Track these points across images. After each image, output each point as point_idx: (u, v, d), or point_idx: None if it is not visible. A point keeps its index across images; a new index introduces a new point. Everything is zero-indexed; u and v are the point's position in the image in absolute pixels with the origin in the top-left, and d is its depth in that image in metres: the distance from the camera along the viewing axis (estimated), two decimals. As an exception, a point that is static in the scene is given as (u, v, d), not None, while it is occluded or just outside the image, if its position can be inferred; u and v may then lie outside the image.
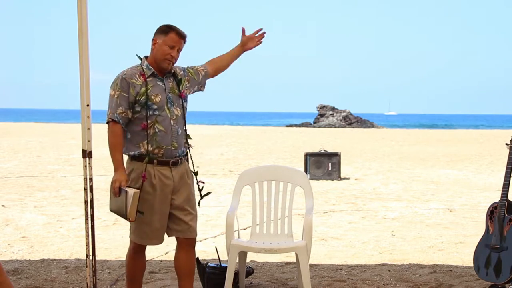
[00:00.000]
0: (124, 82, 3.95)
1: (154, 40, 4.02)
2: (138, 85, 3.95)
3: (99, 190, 10.84)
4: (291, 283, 5.17)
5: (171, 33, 3.98)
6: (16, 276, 5.33)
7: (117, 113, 3.94)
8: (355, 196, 10.87)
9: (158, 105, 3.96)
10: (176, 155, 4.05)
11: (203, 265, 4.84)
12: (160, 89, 4.00)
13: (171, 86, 4.07)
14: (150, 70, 4.01)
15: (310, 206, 4.84)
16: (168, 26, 4.02)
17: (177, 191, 4.05)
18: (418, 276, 5.39)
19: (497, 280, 4.69)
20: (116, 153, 3.98)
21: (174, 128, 4.01)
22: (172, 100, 4.03)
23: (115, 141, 3.97)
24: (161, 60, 3.99)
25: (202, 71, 4.27)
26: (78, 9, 4.39)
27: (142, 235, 4.04)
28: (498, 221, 4.73)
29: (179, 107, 4.07)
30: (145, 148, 3.96)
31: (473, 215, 8.82)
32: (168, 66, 4.02)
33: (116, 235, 7.32)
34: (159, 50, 3.99)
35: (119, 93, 3.94)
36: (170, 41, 3.98)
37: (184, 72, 4.19)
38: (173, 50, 3.99)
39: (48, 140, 25.86)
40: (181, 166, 4.09)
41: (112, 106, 3.96)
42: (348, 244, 6.96)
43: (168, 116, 3.99)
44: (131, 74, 3.98)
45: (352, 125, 52.22)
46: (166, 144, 3.98)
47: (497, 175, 13.86)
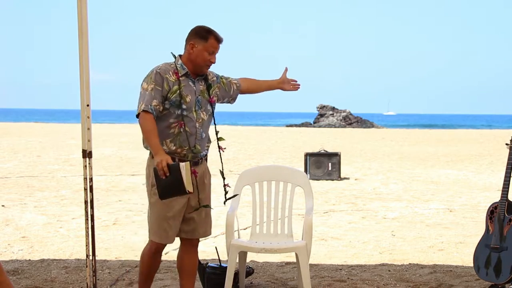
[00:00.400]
0: (159, 76, 3.93)
1: (192, 43, 3.99)
2: (172, 82, 3.95)
3: (99, 190, 10.86)
4: (291, 283, 5.17)
5: (211, 39, 3.98)
6: (16, 276, 5.33)
7: (152, 105, 3.89)
8: (355, 196, 10.87)
9: (187, 106, 3.96)
10: (197, 156, 4.05)
11: (203, 265, 4.84)
12: (191, 90, 4.00)
13: (202, 89, 4.06)
14: (184, 70, 4.00)
15: (310, 206, 4.84)
16: (207, 31, 4.00)
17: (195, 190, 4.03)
18: (418, 276, 5.39)
19: (497, 280, 4.69)
20: (152, 138, 3.85)
21: (199, 131, 4.01)
22: (200, 103, 4.03)
23: (150, 127, 3.86)
24: (202, 65, 4.00)
25: (235, 84, 4.27)
26: (78, 9, 4.40)
27: (163, 234, 4.01)
28: (498, 221, 4.74)
29: (206, 112, 4.06)
30: (168, 146, 3.95)
31: (473, 215, 8.82)
32: (207, 71, 4.05)
33: (116, 235, 7.32)
34: (199, 56, 3.98)
35: (153, 86, 3.91)
36: (210, 48, 3.98)
37: (217, 79, 4.19)
38: (212, 56, 4.00)
39: (48, 140, 25.87)
40: (201, 166, 4.09)
41: (146, 98, 3.90)
42: (348, 244, 6.96)
43: (194, 118, 3.98)
44: (165, 70, 3.97)
45: (352, 125, 52.22)
46: (190, 145, 3.97)
47: (497, 175, 13.86)
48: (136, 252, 6.42)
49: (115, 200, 10.08)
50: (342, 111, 54.49)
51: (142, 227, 7.84)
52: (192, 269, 4.17)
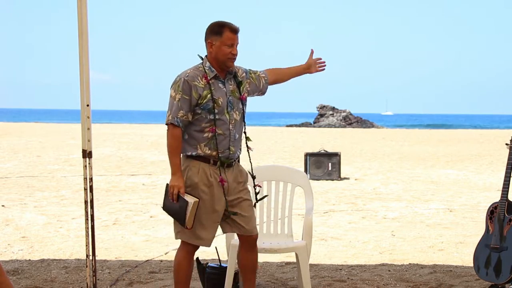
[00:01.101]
0: (186, 85, 3.90)
1: (209, 42, 3.97)
2: (201, 88, 3.91)
3: (99, 190, 10.86)
4: (291, 283, 5.16)
5: (226, 31, 3.93)
6: (16, 276, 5.33)
7: (178, 117, 3.90)
8: (355, 196, 10.86)
9: (218, 109, 3.94)
10: (233, 158, 4.04)
11: (203, 265, 4.84)
12: (222, 92, 3.98)
13: (232, 89, 4.04)
14: (212, 72, 3.97)
15: (310, 206, 4.84)
16: (220, 26, 3.96)
17: (231, 192, 4.04)
18: (418, 276, 5.39)
19: (497, 280, 4.69)
20: (174, 157, 3.94)
21: (232, 132, 4.00)
22: (232, 103, 4.01)
23: (174, 145, 3.93)
24: (225, 60, 3.96)
25: (263, 78, 4.23)
26: (78, 9, 4.40)
27: (196, 235, 3.99)
28: (498, 221, 4.73)
29: (238, 111, 4.04)
30: (203, 150, 3.95)
31: (473, 215, 8.82)
32: (232, 64, 4.01)
33: (116, 235, 7.32)
34: (219, 52, 3.94)
35: (180, 95, 3.89)
36: (227, 41, 3.94)
37: (246, 75, 4.17)
38: (233, 48, 3.95)
39: (48, 140, 25.86)
40: (235, 167, 4.09)
41: (173, 109, 3.91)
42: (348, 244, 6.96)
43: (227, 120, 3.97)
44: (193, 76, 3.92)
45: (352, 125, 52.21)
46: (223, 148, 3.96)
47: (497, 175, 13.85)
48: (136, 252, 6.43)
49: (115, 200, 10.08)
50: (342, 111, 54.48)
51: (142, 227, 7.84)
52: (252, 267, 4.18)
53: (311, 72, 4.36)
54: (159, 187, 11.80)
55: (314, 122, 54.76)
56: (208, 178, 3.96)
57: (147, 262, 5.89)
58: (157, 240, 7.09)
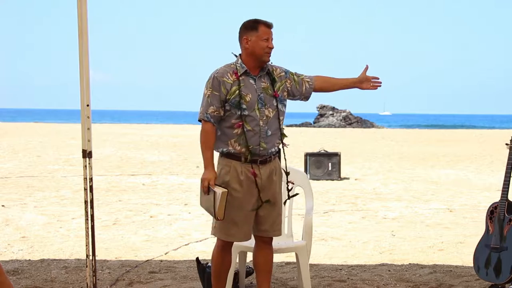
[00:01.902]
0: (216, 81, 3.98)
1: (245, 39, 4.02)
2: (229, 84, 3.97)
3: (99, 190, 10.86)
4: (291, 283, 5.16)
5: (261, 27, 4.01)
6: (16, 276, 5.33)
7: (208, 112, 3.98)
8: (355, 196, 10.86)
9: (247, 105, 3.97)
10: (265, 154, 4.04)
11: (203, 265, 4.84)
12: (252, 88, 4.01)
13: (264, 86, 4.06)
14: (243, 68, 4.02)
15: (310, 206, 4.84)
16: (254, 22, 4.04)
17: (264, 188, 4.06)
18: (418, 276, 5.39)
19: (497, 280, 4.69)
20: (206, 151, 4.02)
21: (263, 129, 4.01)
22: (263, 100, 4.02)
23: (206, 139, 4.02)
24: (262, 54, 4.01)
25: (308, 83, 4.22)
26: (78, 8, 4.39)
27: (228, 232, 4.05)
28: (498, 221, 4.73)
29: (272, 108, 4.05)
30: (233, 147, 3.99)
31: (473, 215, 8.82)
32: (268, 57, 4.05)
33: (116, 235, 7.32)
34: (256, 47, 4.00)
35: (210, 91, 3.98)
36: (263, 35, 4.00)
37: (286, 74, 4.17)
38: (269, 42, 4.02)
39: (48, 140, 25.86)
40: (270, 164, 4.09)
41: (204, 105, 4.01)
42: (348, 244, 6.96)
43: (257, 116, 3.99)
44: (223, 73, 4.00)
45: (352, 125, 52.20)
46: (253, 144, 3.99)
47: (497, 175, 13.85)
48: (136, 252, 6.43)
49: (115, 200, 10.08)
50: (342, 111, 54.47)
51: (142, 227, 7.84)
52: (267, 266, 4.19)
53: (362, 88, 4.30)
54: (159, 187, 11.80)
55: (314, 122, 54.76)
56: (239, 176, 4.00)
57: (147, 262, 5.89)
58: (157, 240, 7.09)
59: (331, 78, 4.30)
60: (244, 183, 4.01)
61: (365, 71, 4.29)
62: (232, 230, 4.05)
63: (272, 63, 4.13)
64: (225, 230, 4.05)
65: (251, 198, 4.03)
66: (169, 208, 9.33)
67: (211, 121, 3.99)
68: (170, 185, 12.03)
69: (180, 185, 12.04)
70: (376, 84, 4.33)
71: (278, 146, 4.14)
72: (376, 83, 4.33)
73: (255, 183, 4.02)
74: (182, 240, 7.09)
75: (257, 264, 4.22)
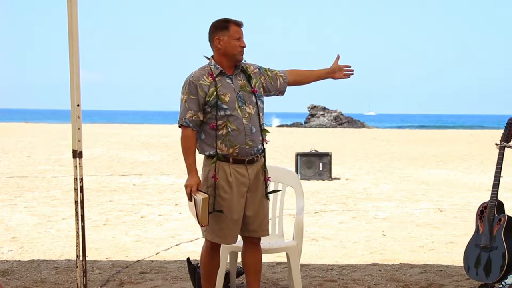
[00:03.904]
0: (192, 85, 3.95)
1: (216, 39, 4.00)
2: (206, 86, 3.95)
3: (90, 190, 10.82)
4: (282, 283, 5.17)
5: (232, 26, 4.00)
6: (6, 276, 5.30)
7: (186, 117, 3.95)
8: (346, 196, 10.88)
9: (228, 105, 3.95)
10: (252, 153, 4.03)
11: (194, 265, 4.84)
12: (230, 88, 4.00)
13: (241, 84, 4.05)
14: (218, 69, 4.00)
15: (301, 206, 4.84)
16: (224, 21, 4.02)
17: (252, 189, 4.06)
18: (409, 275, 5.41)
19: (487, 279, 4.71)
20: (188, 157, 3.99)
21: (247, 126, 4.00)
22: (243, 98, 4.01)
23: (187, 145, 4.00)
24: (235, 53, 4.00)
25: (282, 77, 4.22)
26: (68, 9, 4.38)
27: (217, 233, 4.03)
28: (488, 220, 4.76)
29: (252, 105, 4.04)
30: (220, 148, 3.97)
31: (463, 215, 8.85)
32: (242, 56, 4.03)
33: (106, 236, 7.30)
34: (229, 46, 3.99)
35: (187, 96, 3.96)
36: (235, 34, 3.99)
37: (259, 70, 4.17)
38: (241, 41, 4.01)
39: (38, 140, 25.76)
40: (257, 164, 4.09)
41: (181, 110, 3.98)
42: (339, 244, 6.97)
43: (240, 115, 3.97)
44: (198, 76, 3.98)
45: (343, 125, 52.29)
46: (240, 143, 3.97)
47: (487, 175, 13.91)
48: (127, 253, 6.41)
49: (106, 200, 10.06)
50: (333, 111, 54.57)
51: (132, 228, 7.83)
52: (256, 266, 4.18)
53: (335, 77, 4.31)
54: (150, 187, 11.78)
55: (305, 122, 54.82)
56: (228, 178, 3.98)
57: (137, 263, 5.87)
58: (148, 240, 7.08)
59: (304, 71, 4.31)
60: (233, 184, 4.00)
61: (336, 60, 4.31)
62: (222, 232, 4.03)
63: (245, 61, 4.11)
64: (216, 232, 4.04)
65: (240, 199, 4.02)
66: (160, 209, 9.32)
67: (190, 125, 3.96)
68: (161, 185, 12.01)
69: (170, 185, 12.03)
70: (348, 73, 4.33)
71: (262, 143, 4.12)
72: (348, 71, 4.33)
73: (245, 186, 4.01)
74: (173, 240, 7.08)
75: (246, 265, 4.21)
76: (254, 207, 4.08)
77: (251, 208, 4.08)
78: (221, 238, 4.06)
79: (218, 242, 4.10)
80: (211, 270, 4.21)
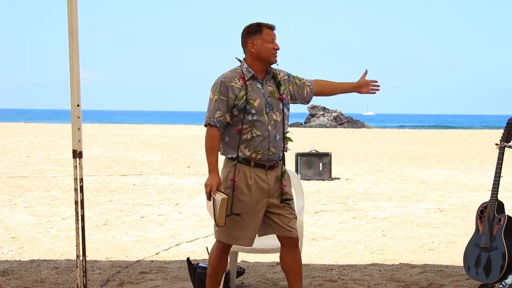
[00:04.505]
0: (223, 86, 3.94)
1: (250, 43, 4.00)
2: (238, 89, 3.94)
3: (90, 190, 10.83)
4: (282, 283, 5.17)
5: (264, 29, 4.01)
6: (6, 277, 5.30)
7: (215, 117, 3.94)
8: (346, 196, 10.88)
9: (256, 110, 3.95)
10: (273, 159, 4.03)
11: (194, 265, 4.84)
12: (259, 93, 3.99)
13: (271, 90, 4.04)
14: (250, 73, 4.00)
15: (301, 206, 4.84)
16: (257, 25, 4.03)
17: (272, 193, 4.05)
18: (409, 276, 5.41)
19: (487, 279, 4.71)
20: (211, 156, 3.97)
21: (272, 133, 3.99)
22: (271, 104, 4.01)
23: (211, 145, 3.97)
24: (269, 56, 4.00)
25: (309, 87, 4.23)
26: (68, 9, 4.38)
27: (231, 234, 4.02)
28: (488, 220, 4.76)
29: (279, 112, 4.04)
30: (242, 152, 3.97)
31: (463, 215, 8.85)
32: (275, 59, 4.04)
33: (106, 236, 7.30)
34: (262, 50, 3.99)
35: (217, 96, 3.94)
36: (268, 37, 4.00)
37: (288, 78, 4.17)
38: (274, 43, 4.02)
39: (38, 140, 25.77)
40: (277, 170, 4.08)
41: (210, 110, 3.96)
42: (339, 244, 6.97)
43: (266, 121, 3.97)
44: (230, 78, 3.97)
45: (343, 125, 52.30)
46: (263, 149, 3.96)
47: (487, 175, 13.92)
48: (127, 253, 6.42)
49: (106, 200, 10.06)
50: (333, 111, 54.56)
51: (132, 228, 7.83)
52: (295, 268, 4.15)
53: (360, 92, 4.33)
54: (150, 187, 11.79)
55: (305, 122, 54.82)
56: (248, 180, 3.98)
57: (137, 263, 5.87)
58: (148, 240, 7.08)
59: (330, 82, 4.33)
60: (252, 187, 3.99)
61: (364, 75, 4.32)
62: (237, 233, 4.02)
63: (278, 65, 4.11)
64: (230, 233, 4.02)
65: (257, 203, 4.01)
66: (160, 209, 9.32)
67: (217, 126, 3.95)
68: (161, 185, 12.02)
69: (170, 185, 12.03)
70: (375, 89, 4.35)
71: (283, 150, 4.12)
72: (374, 87, 4.35)
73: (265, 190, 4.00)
74: (173, 240, 7.08)
75: (284, 266, 4.17)
76: (277, 210, 4.06)
77: (275, 210, 4.06)
78: (234, 239, 4.04)
79: (229, 242, 4.07)
80: (218, 270, 4.19)
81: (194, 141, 25.64)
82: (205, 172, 4.35)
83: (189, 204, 9.79)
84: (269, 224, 4.09)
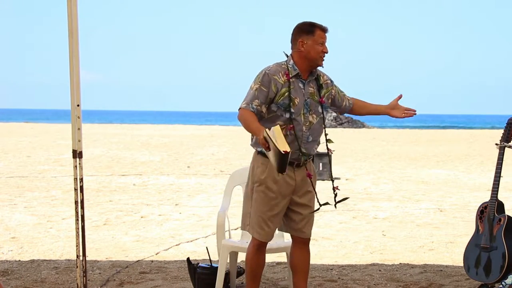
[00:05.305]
0: (267, 77, 3.92)
1: (300, 41, 3.98)
2: (280, 84, 3.93)
3: (90, 190, 10.83)
4: (282, 283, 5.17)
5: (317, 31, 3.99)
6: (6, 277, 5.30)
7: (252, 103, 3.91)
8: (346, 196, 10.87)
9: (295, 109, 3.94)
10: (302, 159, 4.03)
11: (194, 265, 4.84)
12: (300, 93, 3.98)
13: (311, 91, 4.03)
14: (295, 70, 3.98)
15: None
16: (311, 25, 4.00)
17: (298, 191, 4.06)
18: (409, 276, 5.41)
19: (487, 279, 4.71)
20: (251, 124, 3.83)
21: (305, 134, 3.99)
22: (309, 106, 4.00)
23: (249, 116, 3.86)
24: (317, 58, 3.99)
25: (348, 101, 4.27)
26: (68, 9, 4.38)
27: (261, 229, 4.01)
28: (488, 220, 4.76)
29: (316, 114, 4.03)
30: None
31: (463, 215, 8.85)
32: (322, 62, 4.03)
33: (106, 236, 7.30)
34: (312, 50, 3.97)
35: (258, 86, 3.92)
36: (319, 39, 3.98)
37: (331, 83, 4.18)
38: (323, 46, 4.00)
39: (38, 140, 25.77)
40: (306, 167, 4.08)
41: (249, 97, 3.93)
42: (339, 244, 6.97)
43: (301, 121, 3.97)
44: (275, 71, 3.96)
45: (343, 125, 52.26)
46: (294, 149, 3.92)
47: (487, 175, 13.92)
48: (127, 253, 6.42)
49: (106, 200, 10.06)
50: (333, 111, 54.52)
51: (132, 228, 7.83)
52: (304, 267, 4.16)
53: (392, 115, 4.32)
54: (150, 187, 11.79)
55: (305, 122, 54.77)
56: (275, 176, 3.96)
57: (137, 263, 5.88)
58: (148, 240, 7.08)
59: (365, 103, 4.36)
60: (280, 183, 3.99)
61: (396, 99, 4.31)
62: (265, 228, 4.01)
63: (323, 67, 4.10)
64: (258, 227, 4.01)
65: (282, 199, 4.01)
66: (160, 209, 9.32)
67: (254, 111, 3.90)
68: (161, 185, 12.02)
69: (170, 185, 12.03)
70: (409, 115, 4.33)
71: (314, 151, 4.12)
72: (409, 113, 4.32)
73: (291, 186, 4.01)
74: (173, 240, 7.09)
75: (294, 265, 4.18)
76: (299, 209, 4.08)
77: (297, 209, 4.07)
78: (261, 235, 4.02)
79: (263, 240, 4.05)
80: (258, 270, 4.15)
81: (193, 141, 25.63)
82: (205, 172, 4.35)
83: (189, 204, 9.80)
84: (285, 222, 4.11)
